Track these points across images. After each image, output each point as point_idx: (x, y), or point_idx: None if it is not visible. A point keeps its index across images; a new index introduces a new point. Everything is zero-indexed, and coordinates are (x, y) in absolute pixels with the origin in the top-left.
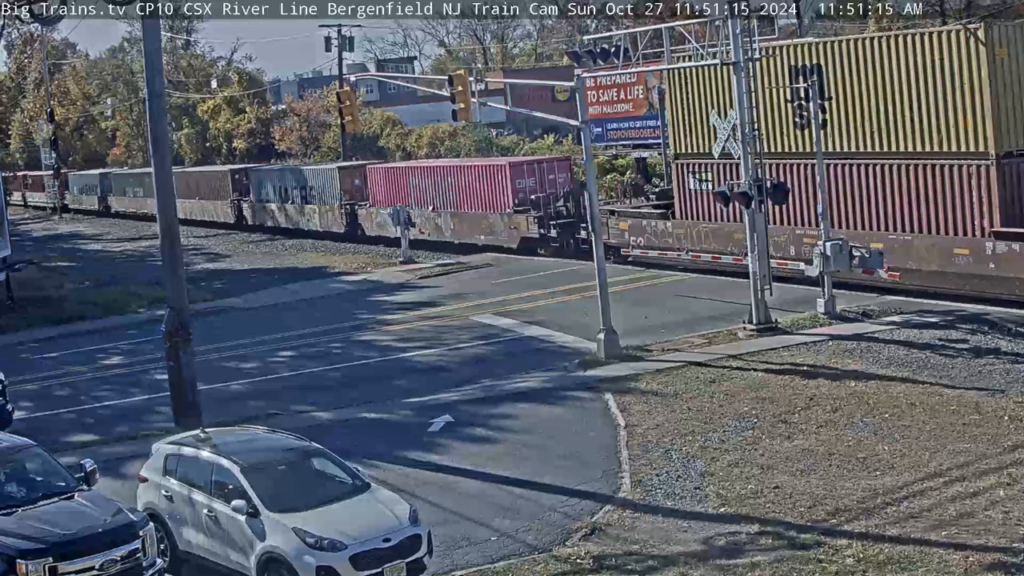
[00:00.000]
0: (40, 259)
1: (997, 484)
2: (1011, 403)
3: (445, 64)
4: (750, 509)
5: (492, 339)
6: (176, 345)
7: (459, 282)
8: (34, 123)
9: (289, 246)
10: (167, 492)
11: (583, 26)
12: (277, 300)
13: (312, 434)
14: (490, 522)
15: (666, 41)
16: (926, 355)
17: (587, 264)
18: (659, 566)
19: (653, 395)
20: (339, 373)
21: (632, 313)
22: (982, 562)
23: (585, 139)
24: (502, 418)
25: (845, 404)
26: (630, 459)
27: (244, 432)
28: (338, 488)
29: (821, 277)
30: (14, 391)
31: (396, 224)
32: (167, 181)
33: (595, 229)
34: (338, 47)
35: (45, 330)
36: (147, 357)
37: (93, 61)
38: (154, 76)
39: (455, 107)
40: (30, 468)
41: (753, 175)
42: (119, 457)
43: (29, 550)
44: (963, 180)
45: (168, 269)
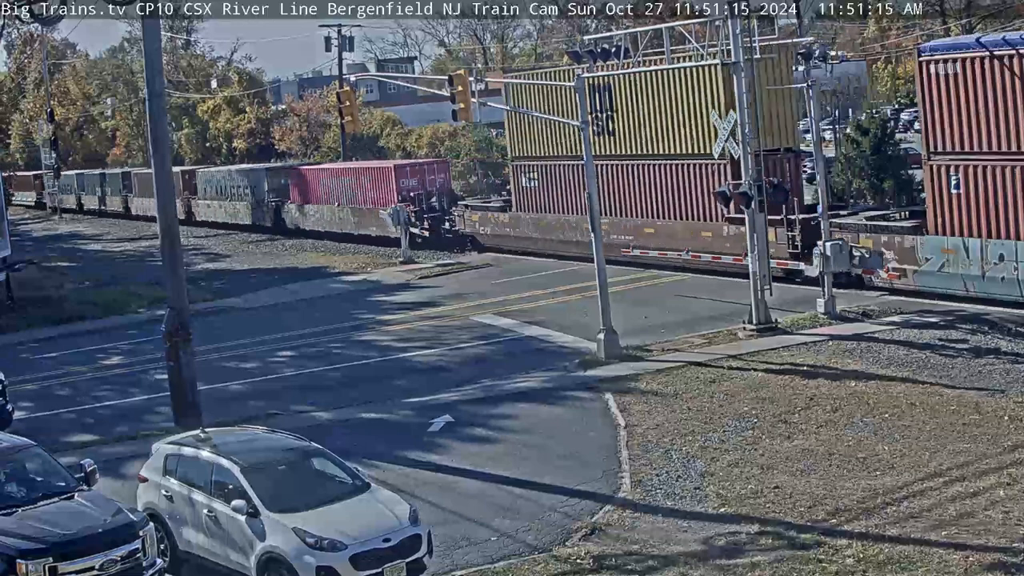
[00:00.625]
0: (40, 259)
1: (997, 484)
2: (1011, 403)
3: (445, 64)
4: (750, 509)
5: (492, 339)
6: (176, 345)
7: (459, 282)
8: (34, 123)
9: (289, 246)
10: (167, 492)
11: (583, 26)
12: (277, 300)
13: (312, 434)
14: (490, 522)
15: (666, 41)
16: (926, 355)
17: (587, 264)
18: (659, 566)
19: (653, 395)
20: (339, 373)
21: (632, 313)
22: (982, 562)
23: (585, 139)
24: (502, 418)
25: (845, 404)
26: (630, 459)
27: (244, 432)
28: (338, 488)
29: (821, 277)
30: (14, 391)
31: (396, 224)
32: (167, 181)
33: (595, 229)
34: (338, 47)
35: (45, 330)
36: (147, 357)
37: (93, 61)
38: (154, 76)
39: (455, 107)
40: (30, 468)
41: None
42: (119, 457)
43: (29, 550)
44: (706, 176)
45: (168, 269)
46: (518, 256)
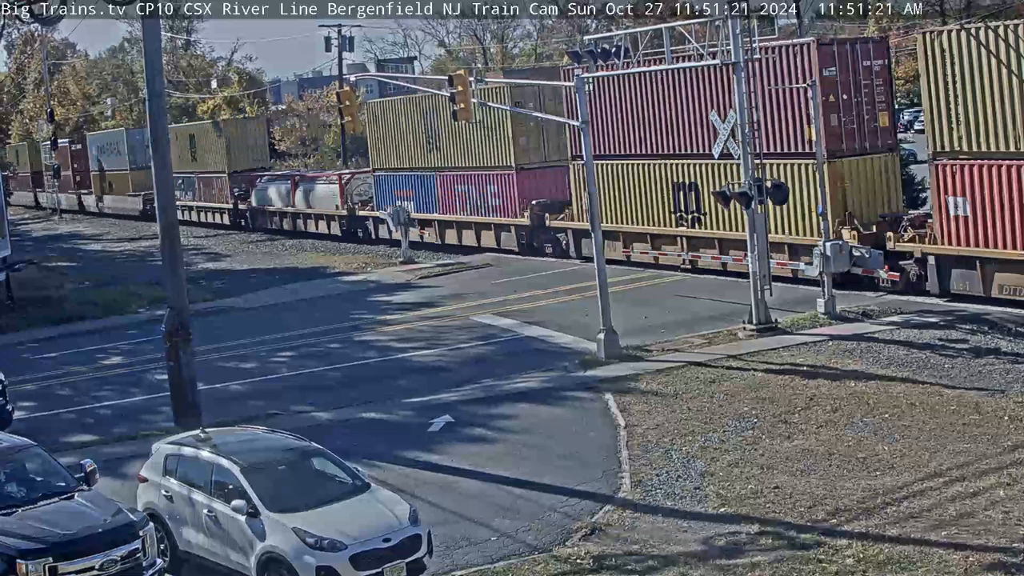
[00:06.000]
0: (40, 259)
1: (997, 484)
2: (1011, 403)
3: (445, 64)
4: (750, 509)
5: (492, 339)
6: (176, 345)
7: (459, 282)
8: (34, 123)
9: (289, 246)
10: (167, 492)
11: (583, 26)
12: (277, 300)
13: (312, 434)
14: (490, 522)
15: (666, 41)
16: (926, 355)
17: (588, 264)
18: (659, 566)
19: (653, 395)
20: (339, 373)
21: (632, 313)
22: (982, 562)
23: (585, 140)
24: (502, 418)
25: (845, 404)
26: (630, 459)
27: (244, 432)
28: (338, 488)
29: (821, 277)
30: (14, 391)
31: (397, 224)
32: (167, 181)
33: (595, 228)
34: (338, 47)
35: (45, 330)
36: (147, 357)
37: (93, 61)
38: (154, 76)
39: (455, 107)
40: (30, 468)
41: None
42: (119, 457)
43: (29, 550)
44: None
45: (168, 269)
46: (518, 256)
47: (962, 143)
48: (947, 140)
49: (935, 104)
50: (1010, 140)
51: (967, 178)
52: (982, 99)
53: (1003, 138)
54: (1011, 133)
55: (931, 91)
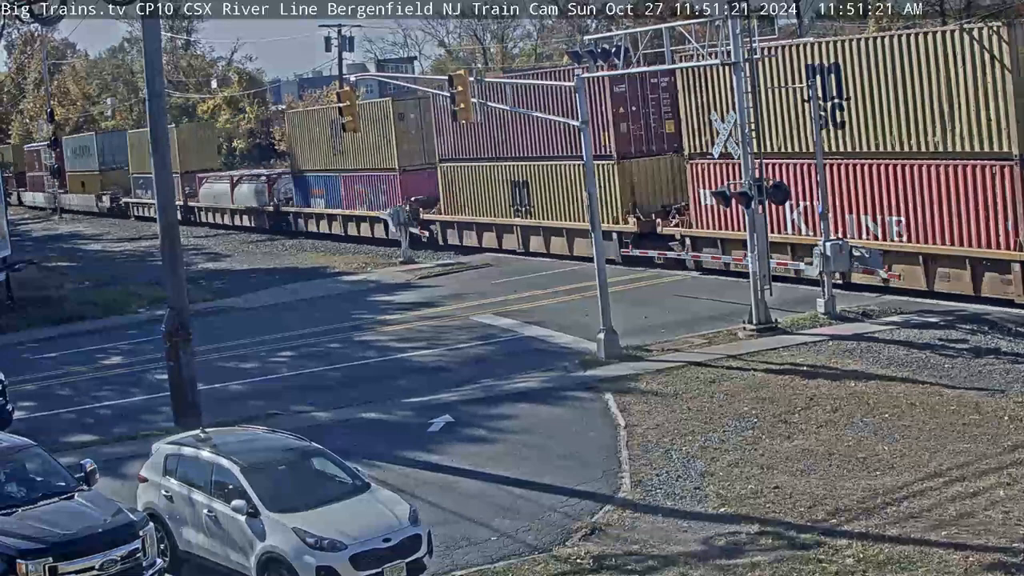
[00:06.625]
0: (40, 259)
1: (997, 484)
2: (1011, 403)
3: (445, 64)
4: (750, 509)
5: (492, 339)
6: (176, 345)
7: (459, 282)
8: (34, 123)
9: (289, 246)
10: (167, 492)
11: (583, 26)
12: (277, 300)
13: (312, 434)
14: (490, 522)
15: (666, 41)
16: (926, 355)
17: (587, 265)
18: (659, 566)
19: (653, 395)
20: (339, 373)
21: (632, 313)
22: (982, 562)
23: (585, 140)
24: (502, 418)
25: (845, 404)
26: (630, 459)
27: (244, 432)
28: (338, 488)
29: (821, 277)
30: (14, 391)
31: (397, 224)
32: (167, 181)
33: (595, 228)
34: (338, 47)
35: (45, 330)
36: (147, 357)
37: (93, 61)
38: (154, 76)
39: (455, 107)
40: (30, 468)
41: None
42: (119, 457)
43: (29, 550)
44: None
45: (168, 269)
46: (519, 256)
47: (706, 147)
48: (697, 144)
49: (688, 117)
50: (729, 146)
51: (709, 175)
52: (707, 114)
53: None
54: (727, 141)
55: (686, 108)
